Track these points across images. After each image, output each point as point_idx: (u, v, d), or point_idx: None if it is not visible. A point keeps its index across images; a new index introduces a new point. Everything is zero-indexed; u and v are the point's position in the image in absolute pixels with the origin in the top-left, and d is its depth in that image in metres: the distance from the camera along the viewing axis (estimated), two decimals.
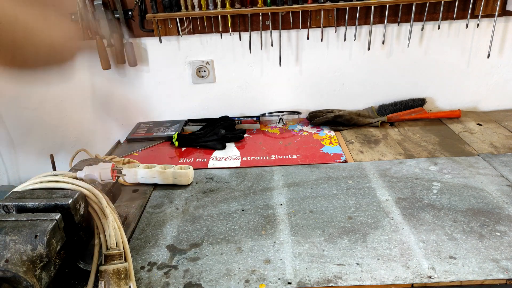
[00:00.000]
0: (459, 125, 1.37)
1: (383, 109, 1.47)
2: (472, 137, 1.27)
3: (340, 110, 1.49)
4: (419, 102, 1.47)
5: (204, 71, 1.47)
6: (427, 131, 1.34)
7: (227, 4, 1.30)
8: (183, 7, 1.31)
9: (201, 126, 1.44)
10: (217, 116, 1.51)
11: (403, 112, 1.43)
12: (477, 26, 1.37)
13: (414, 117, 1.42)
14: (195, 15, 1.32)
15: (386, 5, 1.30)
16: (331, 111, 1.48)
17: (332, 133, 1.37)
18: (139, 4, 1.33)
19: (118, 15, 1.35)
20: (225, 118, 1.47)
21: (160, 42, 1.39)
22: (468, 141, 1.24)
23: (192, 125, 1.47)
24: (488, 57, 1.39)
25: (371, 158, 1.17)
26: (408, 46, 1.40)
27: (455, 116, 1.42)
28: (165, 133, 1.40)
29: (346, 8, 1.32)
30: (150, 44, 1.42)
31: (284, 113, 1.50)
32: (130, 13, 1.36)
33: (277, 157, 1.21)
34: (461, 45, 1.41)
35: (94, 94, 1.50)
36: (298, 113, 1.50)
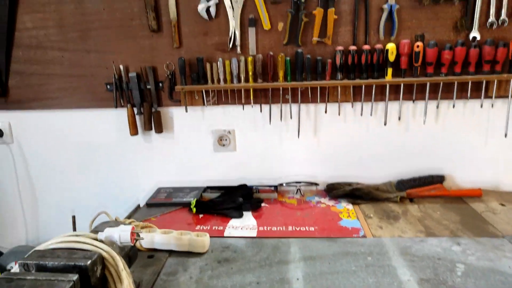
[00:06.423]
0: (481, 204, 1.34)
1: (402, 184, 1.46)
2: (496, 218, 1.23)
3: (358, 183, 1.49)
4: (438, 179, 1.46)
5: (226, 139, 1.52)
6: (447, 209, 1.31)
7: (250, 79, 1.39)
8: (209, 81, 1.41)
9: (219, 194, 1.46)
10: (236, 183, 1.53)
11: (423, 188, 1.41)
12: (492, 107, 1.40)
13: (434, 194, 1.40)
14: (220, 88, 1.41)
15: (401, 84, 1.36)
16: (349, 184, 1.48)
17: (350, 206, 1.35)
18: (170, 77, 1.44)
19: (150, 86, 1.46)
20: (243, 187, 1.49)
21: (186, 111, 1.48)
22: (491, 222, 1.20)
23: (210, 192, 1.49)
24: (506, 136, 1.40)
25: (390, 234, 1.14)
26: (424, 123, 1.44)
27: (476, 195, 1.40)
28: (184, 199, 1.42)
29: (362, 86, 1.39)
30: (176, 113, 1.51)
31: (302, 183, 1.51)
32: (161, 84, 1.47)
33: (294, 228, 1.20)
34: (477, 123, 1.44)
35: (120, 158, 1.56)
36: (316, 184, 1.51)
